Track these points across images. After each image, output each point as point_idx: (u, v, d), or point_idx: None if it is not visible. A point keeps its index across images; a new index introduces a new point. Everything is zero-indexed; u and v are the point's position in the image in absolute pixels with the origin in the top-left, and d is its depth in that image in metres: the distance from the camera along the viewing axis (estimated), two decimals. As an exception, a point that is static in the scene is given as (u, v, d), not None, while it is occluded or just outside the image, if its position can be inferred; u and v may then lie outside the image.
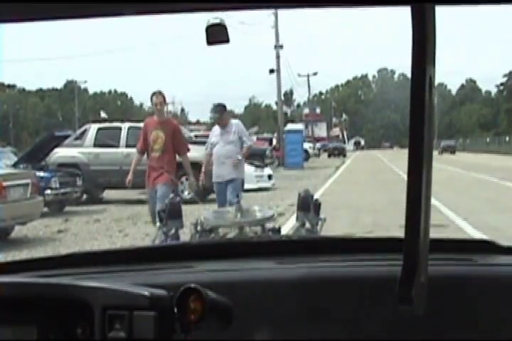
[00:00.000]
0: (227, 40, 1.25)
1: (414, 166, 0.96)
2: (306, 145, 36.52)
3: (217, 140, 7.73)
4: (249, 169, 17.03)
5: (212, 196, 13.97)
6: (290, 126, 32.81)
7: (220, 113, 7.76)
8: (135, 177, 7.53)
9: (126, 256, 1.62)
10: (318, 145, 51.58)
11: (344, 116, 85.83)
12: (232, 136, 7.66)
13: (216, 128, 7.89)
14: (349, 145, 70.63)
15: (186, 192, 13.28)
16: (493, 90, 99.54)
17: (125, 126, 14.39)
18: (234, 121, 7.92)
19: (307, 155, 34.72)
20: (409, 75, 0.95)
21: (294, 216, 4.03)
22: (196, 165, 13.39)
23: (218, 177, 7.71)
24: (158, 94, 7.36)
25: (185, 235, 4.00)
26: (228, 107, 8.24)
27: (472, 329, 1.33)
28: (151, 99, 7.38)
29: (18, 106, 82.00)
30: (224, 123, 7.72)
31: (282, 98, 39.13)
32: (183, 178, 13.02)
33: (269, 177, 17.56)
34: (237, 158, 7.66)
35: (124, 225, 10.32)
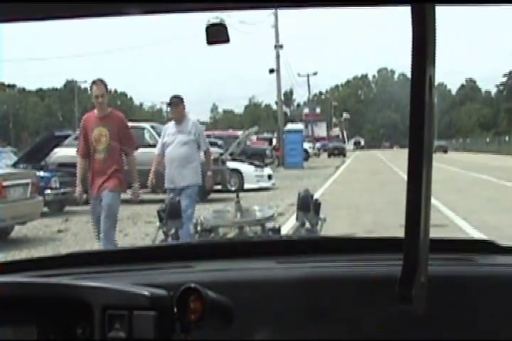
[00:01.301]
0: (227, 40, 1.25)
1: (414, 166, 0.96)
2: (306, 145, 36.56)
3: (170, 140, 6.75)
4: (249, 169, 17.09)
5: (212, 196, 14.04)
6: (290, 126, 32.83)
7: (176, 105, 6.80)
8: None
9: (126, 256, 1.62)
10: (318, 145, 51.60)
11: (345, 114, 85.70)
12: (187, 137, 6.70)
13: (169, 126, 6.93)
14: (349, 145, 70.64)
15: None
16: (493, 90, 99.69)
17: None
18: (192, 120, 7.08)
19: (307, 155, 34.76)
20: (409, 75, 0.95)
21: (294, 216, 4.04)
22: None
23: (171, 183, 6.68)
24: (99, 84, 6.08)
25: (185, 235, 4.00)
26: (228, 107, 7.76)
27: (472, 329, 1.33)
28: (91, 89, 6.18)
29: (18, 106, 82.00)
30: (179, 116, 6.78)
31: (282, 98, 39.14)
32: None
33: (269, 177, 17.57)
34: (194, 161, 6.74)
35: (124, 225, 10.31)
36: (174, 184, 6.64)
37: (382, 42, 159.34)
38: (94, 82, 6.11)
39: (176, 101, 6.80)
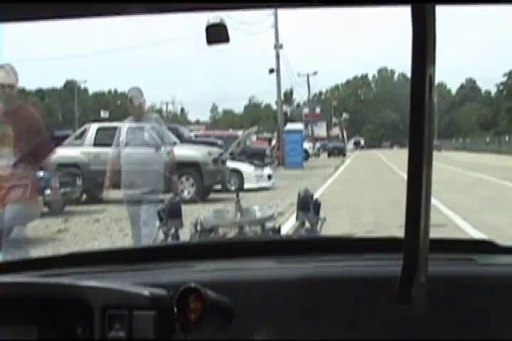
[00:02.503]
0: (227, 40, 1.25)
1: (414, 166, 0.96)
2: (306, 145, 36.55)
3: (127, 139, 5.93)
4: (249, 168, 17.09)
5: (212, 196, 14.04)
6: (290, 126, 32.80)
7: (136, 98, 5.93)
8: None
9: (126, 256, 1.62)
10: (317, 144, 51.59)
11: (344, 115, 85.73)
12: (149, 135, 5.89)
13: (126, 124, 6.11)
14: (349, 145, 70.52)
15: (186, 192, 13.28)
16: (493, 90, 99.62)
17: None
18: (153, 115, 6.31)
19: (307, 155, 34.76)
20: (409, 75, 0.95)
21: (294, 215, 4.03)
22: (195, 166, 13.49)
23: (129, 189, 5.94)
24: (7, 70, 4.87)
25: (185, 235, 4.00)
26: (228, 107, 7.22)
27: (472, 329, 1.33)
28: None
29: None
30: (139, 111, 5.96)
31: (282, 98, 39.09)
32: (183, 178, 13.06)
33: (269, 176, 17.57)
34: (154, 164, 5.93)
35: (124, 225, 10.29)
36: (130, 191, 5.94)
37: (382, 42, 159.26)
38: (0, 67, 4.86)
39: (136, 94, 6.00)
